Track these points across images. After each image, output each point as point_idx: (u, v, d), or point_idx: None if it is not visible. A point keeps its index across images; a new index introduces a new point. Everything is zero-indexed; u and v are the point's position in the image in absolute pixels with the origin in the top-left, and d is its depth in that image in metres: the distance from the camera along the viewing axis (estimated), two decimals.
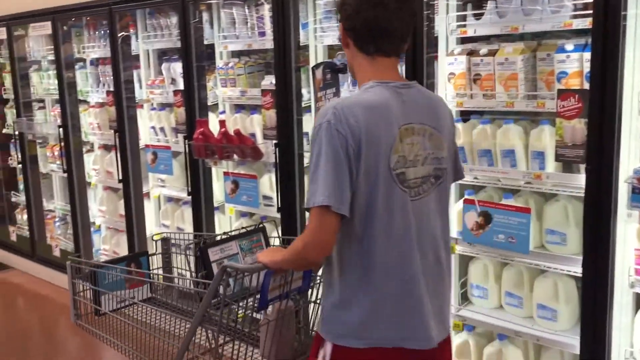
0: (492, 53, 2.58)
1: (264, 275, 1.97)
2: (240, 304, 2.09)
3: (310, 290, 2.33)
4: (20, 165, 5.49)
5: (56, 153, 5.04)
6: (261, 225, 2.63)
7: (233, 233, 2.64)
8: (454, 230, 2.77)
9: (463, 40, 2.76)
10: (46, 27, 4.72)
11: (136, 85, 4.38)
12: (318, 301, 2.29)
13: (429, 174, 1.74)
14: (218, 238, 2.62)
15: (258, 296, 2.02)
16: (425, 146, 1.73)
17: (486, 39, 2.73)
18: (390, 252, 1.68)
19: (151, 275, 2.74)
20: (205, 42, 3.78)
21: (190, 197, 3.81)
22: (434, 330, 1.74)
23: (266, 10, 3.37)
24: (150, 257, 2.77)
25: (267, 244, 2.60)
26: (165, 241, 2.85)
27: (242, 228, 2.79)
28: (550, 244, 2.59)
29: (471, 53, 2.64)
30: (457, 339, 2.85)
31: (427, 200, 1.74)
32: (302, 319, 2.49)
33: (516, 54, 2.50)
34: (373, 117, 1.64)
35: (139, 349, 2.49)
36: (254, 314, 2.16)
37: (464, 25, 2.64)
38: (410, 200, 1.69)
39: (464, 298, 2.90)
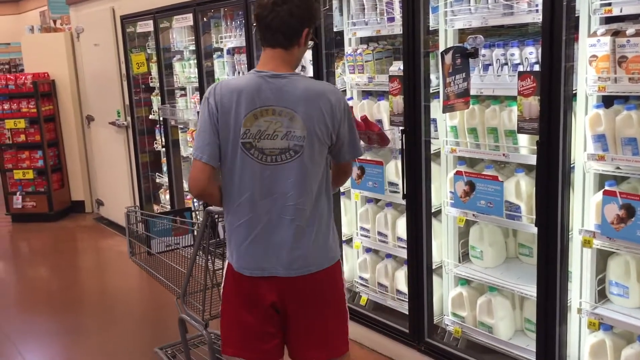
0: None
1: None
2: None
3: None
4: (164, 149, 5.91)
5: None
6: None
7: None
8: (591, 223, 2.60)
9: (607, 20, 2.56)
10: (188, 19, 5.03)
11: None
12: None
13: (288, 147, 2.17)
14: None
15: None
16: (285, 125, 2.16)
17: (634, 18, 2.52)
18: (236, 198, 2.23)
19: (193, 224, 3.31)
20: (335, 29, 3.83)
21: None
22: (272, 265, 2.24)
23: None
24: (192, 213, 3.45)
25: None
26: None
27: None
28: None
29: (616, 33, 2.45)
30: (592, 339, 2.69)
31: (285, 166, 2.18)
32: None
33: None
34: (229, 96, 2.17)
35: (175, 283, 3.12)
36: None
37: (609, 4, 2.45)
38: (262, 163, 2.18)
39: (602, 295, 2.72)
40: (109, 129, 6.66)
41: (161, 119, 5.75)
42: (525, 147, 2.88)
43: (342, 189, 4.03)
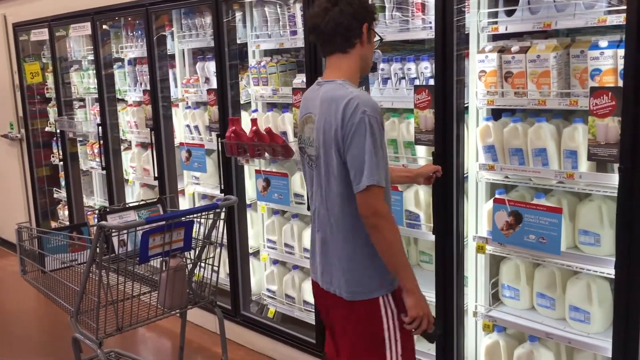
0: (523, 50, 2.54)
1: (141, 235, 2.46)
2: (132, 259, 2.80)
3: (194, 251, 2.90)
4: (61, 163, 5.65)
5: (96, 151, 5.17)
6: (161, 198, 3.28)
7: (133, 204, 3.15)
8: (484, 230, 2.74)
9: (495, 37, 2.72)
10: (86, 28, 4.84)
11: (172, 84, 4.46)
12: (206, 261, 2.92)
13: (314, 155, 2.18)
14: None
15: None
16: (316, 132, 2.15)
17: (519, 35, 2.69)
18: (309, 200, 2.32)
19: (89, 240, 3.11)
20: (239, 42, 3.82)
21: (223, 194, 3.87)
22: (318, 274, 2.28)
23: (297, 9, 3.38)
24: (90, 228, 3.24)
25: None
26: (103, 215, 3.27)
27: (142, 200, 3.30)
28: (584, 245, 2.54)
29: (502, 50, 2.60)
30: (487, 340, 2.82)
31: (315, 174, 2.21)
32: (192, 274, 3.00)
33: (548, 50, 2.46)
34: (301, 104, 2.29)
35: (70, 302, 2.97)
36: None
37: (495, 22, 2.60)
38: (311, 170, 2.22)
39: (495, 298, 2.87)
40: (1, 142, 6.28)
41: (58, 131, 5.50)
42: (423, 158, 3.00)
43: (248, 201, 4.02)
